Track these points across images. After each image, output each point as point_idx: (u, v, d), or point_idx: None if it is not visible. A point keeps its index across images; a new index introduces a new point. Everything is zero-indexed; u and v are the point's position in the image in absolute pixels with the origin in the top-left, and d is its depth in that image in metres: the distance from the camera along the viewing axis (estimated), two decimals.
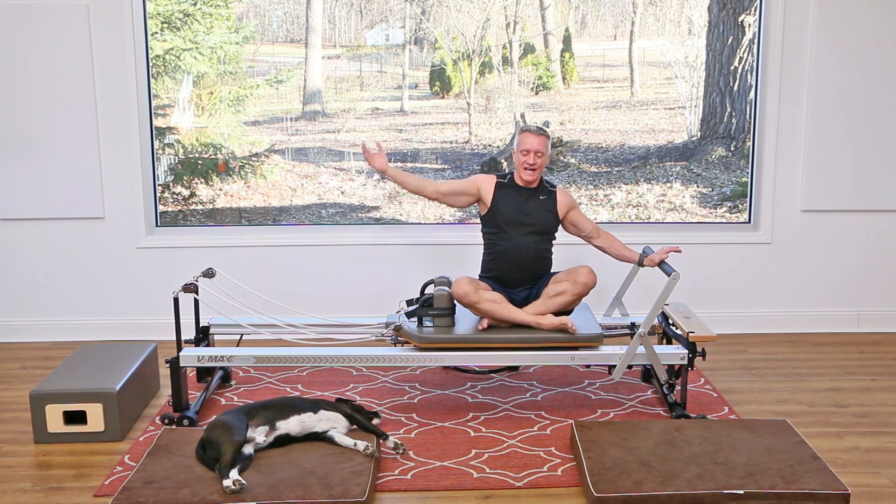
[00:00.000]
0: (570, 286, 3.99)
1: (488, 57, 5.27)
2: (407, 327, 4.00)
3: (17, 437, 3.86)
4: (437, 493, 3.33)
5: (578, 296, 4.01)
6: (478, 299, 3.94)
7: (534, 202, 4.11)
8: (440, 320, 4.01)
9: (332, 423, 3.59)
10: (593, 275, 4.00)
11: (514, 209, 4.09)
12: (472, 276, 4.06)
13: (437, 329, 3.99)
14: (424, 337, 3.94)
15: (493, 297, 3.99)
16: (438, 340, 3.94)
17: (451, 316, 4.03)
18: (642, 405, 4.19)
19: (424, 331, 3.97)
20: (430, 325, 4.01)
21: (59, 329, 5.27)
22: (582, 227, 4.21)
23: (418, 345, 3.94)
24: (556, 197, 4.15)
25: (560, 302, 4.00)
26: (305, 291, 5.24)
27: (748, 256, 5.35)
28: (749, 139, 5.30)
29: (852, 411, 4.15)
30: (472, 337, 3.96)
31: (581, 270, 4.00)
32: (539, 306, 4.01)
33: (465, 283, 3.96)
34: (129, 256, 5.23)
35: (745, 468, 3.30)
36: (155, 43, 5.11)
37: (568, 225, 4.21)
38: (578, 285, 3.98)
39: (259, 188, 5.32)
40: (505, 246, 4.10)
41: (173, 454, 3.46)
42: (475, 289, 3.96)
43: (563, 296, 3.99)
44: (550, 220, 4.14)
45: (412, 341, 3.96)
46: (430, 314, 4.01)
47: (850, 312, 5.41)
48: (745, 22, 5.19)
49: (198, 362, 3.98)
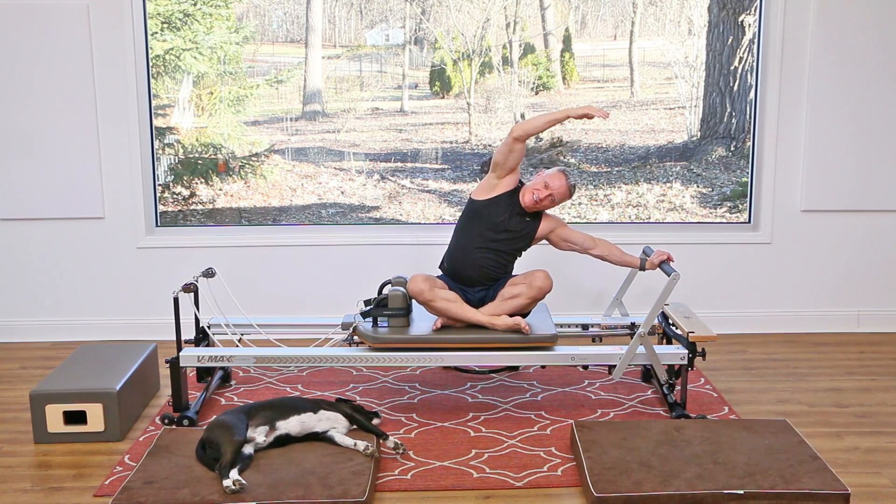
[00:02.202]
0: (526, 289, 3.97)
1: (488, 57, 5.27)
2: (361, 327, 3.99)
3: (17, 437, 3.87)
4: (437, 493, 3.33)
5: (534, 299, 3.99)
6: (432, 297, 3.93)
7: (518, 221, 4.07)
8: (395, 320, 3.99)
9: (332, 423, 3.60)
10: (549, 279, 3.97)
11: (502, 215, 4.06)
12: (429, 274, 4.05)
13: (392, 329, 3.97)
14: (378, 337, 3.92)
15: (448, 297, 3.97)
16: (392, 341, 3.93)
17: (406, 316, 4.02)
18: (642, 405, 4.19)
19: (379, 331, 3.96)
20: (385, 325, 4.00)
21: (59, 329, 5.27)
22: (574, 242, 4.16)
23: (372, 345, 3.93)
24: (540, 220, 4.12)
25: (515, 304, 3.98)
26: (305, 291, 5.24)
27: (748, 256, 5.35)
28: (749, 139, 5.30)
29: (852, 411, 4.15)
30: (426, 337, 3.94)
31: (537, 275, 3.98)
32: (494, 307, 4.00)
33: (420, 280, 3.94)
34: (129, 256, 5.23)
35: (745, 468, 3.30)
36: (155, 43, 5.11)
37: (559, 242, 4.16)
38: (534, 289, 3.96)
39: (259, 188, 5.32)
40: (468, 241, 4.07)
41: (173, 454, 3.46)
42: (430, 286, 3.94)
43: (518, 298, 3.98)
44: (521, 243, 4.12)
45: (366, 341, 3.95)
46: (384, 314, 4.00)
47: (850, 312, 5.41)
48: (745, 22, 5.19)
49: (198, 362, 3.98)
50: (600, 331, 4.40)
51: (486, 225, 4.06)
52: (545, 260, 4.62)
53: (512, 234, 4.07)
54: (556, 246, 4.20)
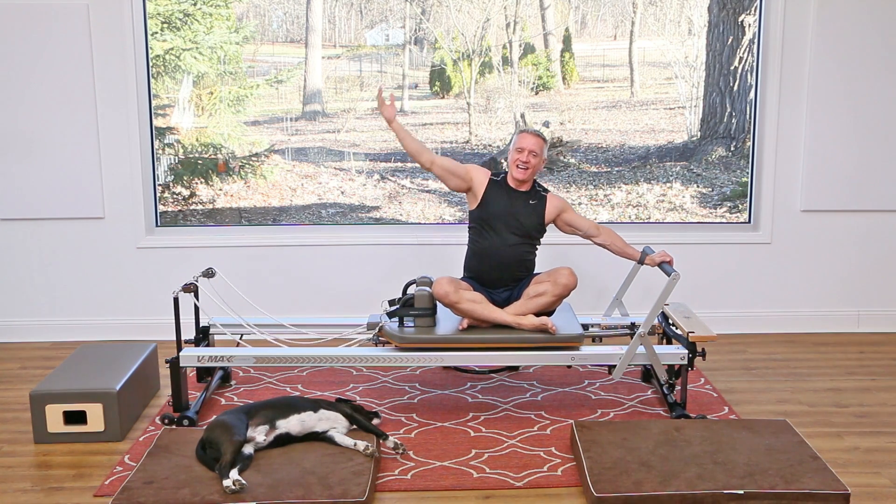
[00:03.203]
0: (551, 287, 3.98)
1: (488, 57, 5.27)
2: (388, 327, 4.00)
3: (17, 437, 3.87)
4: (437, 493, 3.33)
5: (559, 297, 4.00)
6: (458, 299, 3.94)
7: (522, 205, 4.11)
8: (421, 320, 4.00)
9: (332, 423, 3.60)
10: (574, 276, 3.99)
11: (502, 208, 4.08)
12: (453, 276, 4.06)
13: (418, 329, 3.98)
14: (405, 337, 3.93)
15: (473, 297, 3.98)
16: (419, 340, 3.94)
17: (433, 316, 4.03)
18: (642, 405, 4.19)
19: (405, 331, 3.97)
20: (412, 325, 4.01)
21: (59, 329, 5.27)
22: (579, 227, 4.19)
23: (399, 345, 3.94)
24: (546, 202, 4.15)
25: (541, 303, 3.99)
26: (305, 291, 5.25)
27: (748, 256, 5.35)
28: (749, 139, 5.30)
29: (852, 411, 4.15)
30: (453, 337, 3.95)
31: (562, 272, 3.99)
32: (520, 307, 4.01)
33: (445, 282, 3.96)
34: (129, 256, 5.23)
35: (745, 468, 3.30)
36: (155, 43, 5.11)
37: (563, 226, 4.20)
38: (559, 286, 3.97)
39: (259, 188, 5.32)
40: (486, 244, 4.10)
41: (173, 454, 3.46)
42: (455, 288, 3.95)
43: (543, 296, 3.99)
44: (535, 224, 4.13)
45: (393, 341, 3.96)
46: (410, 314, 4.01)
47: (850, 312, 5.41)
48: (745, 22, 5.19)
49: (198, 362, 3.98)
50: (600, 331, 4.40)
51: (496, 222, 4.08)
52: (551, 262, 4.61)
53: (523, 218, 4.09)
54: (561, 230, 4.23)
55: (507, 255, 4.09)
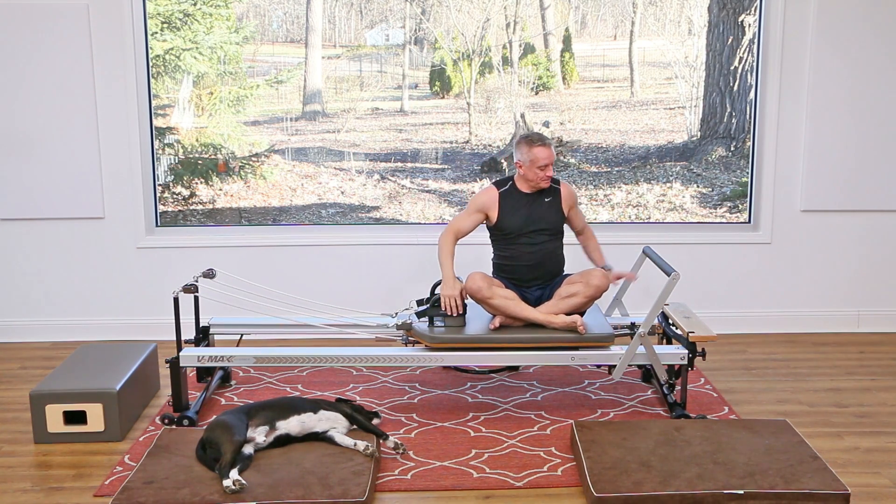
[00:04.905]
0: (583, 288, 4.00)
1: (488, 57, 5.27)
2: (418, 327, 4.00)
3: (17, 437, 3.87)
4: (437, 493, 3.33)
5: (591, 298, 4.02)
6: (491, 294, 3.96)
7: (539, 205, 4.12)
8: (451, 320, 4.01)
9: (332, 423, 3.60)
10: (607, 278, 4.02)
11: (522, 218, 4.09)
12: (485, 272, 4.08)
13: (449, 329, 3.99)
14: (436, 337, 3.94)
15: (506, 294, 4.01)
16: (450, 340, 3.94)
17: (462, 315, 4.04)
18: (642, 405, 4.19)
19: (436, 331, 3.97)
20: (441, 325, 4.01)
21: (59, 329, 5.27)
22: (575, 224, 4.27)
23: (429, 345, 3.94)
24: (561, 194, 4.17)
25: (572, 303, 4.01)
26: (305, 291, 5.23)
27: (748, 256, 5.35)
28: (749, 139, 5.30)
29: (852, 411, 4.15)
30: (484, 337, 3.96)
31: (594, 273, 4.03)
32: (551, 306, 4.03)
33: (478, 278, 3.97)
34: (128, 256, 5.23)
35: (745, 468, 3.30)
36: (155, 43, 5.11)
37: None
38: (591, 287, 3.99)
39: (259, 188, 5.32)
40: (515, 252, 4.13)
41: (173, 454, 3.46)
42: (489, 284, 3.97)
43: (575, 297, 4.00)
44: (557, 218, 4.16)
45: (423, 341, 3.96)
46: (440, 314, 4.02)
47: (849, 312, 5.40)
48: (745, 22, 5.19)
49: (198, 362, 3.98)
50: None
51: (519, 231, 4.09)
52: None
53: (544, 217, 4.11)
54: None
55: (538, 255, 4.11)
